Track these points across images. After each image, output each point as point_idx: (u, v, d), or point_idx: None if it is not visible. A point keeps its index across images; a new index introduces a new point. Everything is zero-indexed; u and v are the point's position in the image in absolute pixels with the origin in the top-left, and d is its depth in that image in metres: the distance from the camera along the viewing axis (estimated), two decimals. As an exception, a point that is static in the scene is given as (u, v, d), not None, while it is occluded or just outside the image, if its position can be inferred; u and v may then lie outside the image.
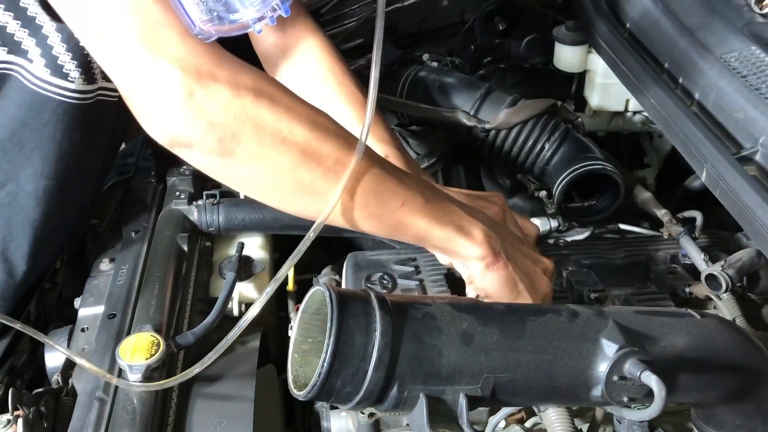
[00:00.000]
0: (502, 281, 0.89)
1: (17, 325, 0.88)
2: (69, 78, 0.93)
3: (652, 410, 0.66)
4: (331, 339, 0.61)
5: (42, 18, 0.90)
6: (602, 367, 0.69)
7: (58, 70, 0.92)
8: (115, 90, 0.99)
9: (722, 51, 0.95)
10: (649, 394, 0.69)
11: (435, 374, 0.64)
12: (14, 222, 1.00)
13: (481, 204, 0.95)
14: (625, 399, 0.70)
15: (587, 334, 0.70)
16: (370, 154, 0.81)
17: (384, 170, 0.82)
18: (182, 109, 0.71)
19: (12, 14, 0.89)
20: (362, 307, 0.64)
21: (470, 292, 0.94)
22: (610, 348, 0.69)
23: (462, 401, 0.65)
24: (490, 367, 0.66)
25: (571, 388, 0.69)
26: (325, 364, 0.61)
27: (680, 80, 0.98)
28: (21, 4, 0.89)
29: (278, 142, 0.74)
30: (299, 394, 0.64)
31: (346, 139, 0.79)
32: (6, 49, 0.91)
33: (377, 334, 0.62)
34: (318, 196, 0.78)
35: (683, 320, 0.76)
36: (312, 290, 0.68)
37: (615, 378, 0.69)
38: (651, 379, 0.66)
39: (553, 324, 0.70)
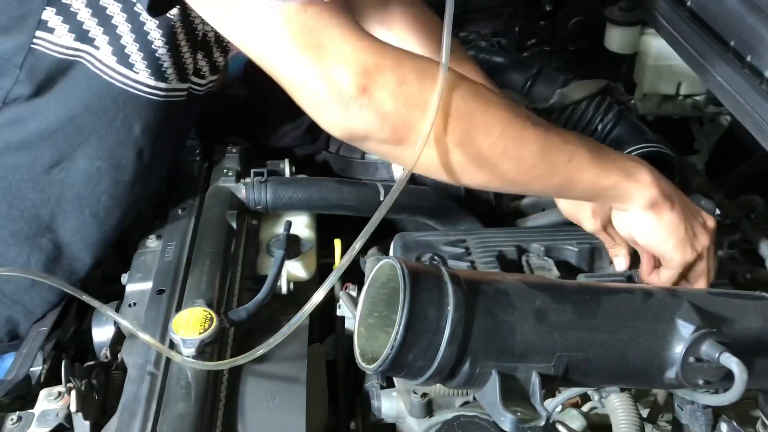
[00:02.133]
0: (671, 225, 0.88)
1: (83, 296, 0.87)
2: (134, 69, 0.94)
3: (732, 394, 0.64)
4: (405, 312, 0.59)
5: (113, 9, 0.91)
6: (678, 349, 0.67)
7: (124, 59, 0.93)
8: (182, 90, 1.02)
9: (794, 27, 0.92)
10: (725, 377, 0.67)
11: (508, 351, 0.63)
12: (64, 198, 1.01)
13: None
14: (701, 382, 0.68)
15: (662, 314, 0.68)
16: (532, 118, 0.82)
17: (548, 131, 0.82)
18: (355, 106, 0.74)
19: (84, 2, 0.90)
20: (434, 281, 0.62)
21: (619, 263, 0.97)
22: (686, 329, 0.67)
23: (535, 379, 0.63)
24: (564, 346, 0.64)
25: (644, 370, 0.67)
26: (398, 337, 0.59)
27: (748, 58, 0.94)
28: None
29: (450, 117, 0.76)
30: (369, 368, 0.62)
31: (509, 108, 0.80)
32: (74, 35, 0.92)
33: (450, 308, 0.61)
34: (488, 165, 0.80)
35: (759, 303, 0.74)
36: (379, 263, 0.66)
37: (691, 359, 0.67)
38: (731, 361, 0.64)
39: (627, 303, 0.68)
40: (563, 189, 0.87)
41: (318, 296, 0.78)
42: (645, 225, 0.89)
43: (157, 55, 0.95)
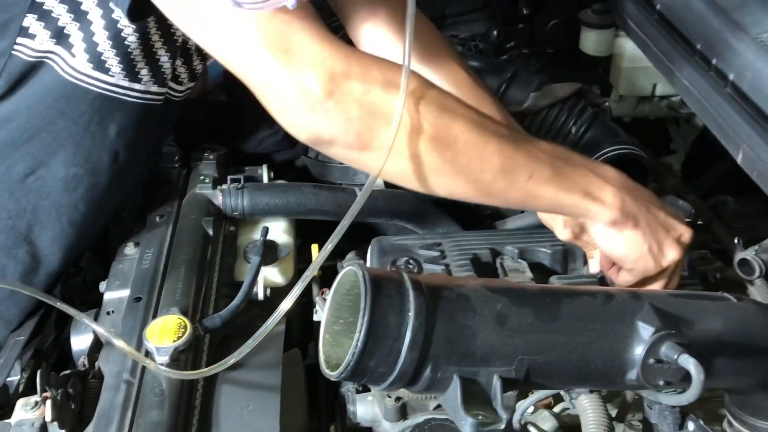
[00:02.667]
0: (632, 243, 0.89)
1: (57, 303, 0.88)
2: (110, 73, 0.95)
3: (690, 394, 0.65)
4: (365, 319, 0.60)
5: (93, 14, 0.91)
6: (638, 350, 0.68)
7: (100, 65, 0.94)
8: (159, 95, 1.03)
9: (758, 31, 0.93)
10: (685, 378, 0.68)
11: (469, 355, 0.64)
12: (41, 207, 1.01)
13: None
14: (661, 382, 0.69)
15: (623, 316, 0.69)
16: (499, 132, 0.83)
17: (514, 146, 0.83)
18: (321, 110, 0.75)
19: (65, 7, 0.91)
20: (395, 287, 0.63)
21: (593, 265, 0.97)
22: (646, 331, 0.68)
23: (496, 383, 0.64)
24: (525, 349, 0.65)
25: (606, 371, 0.68)
26: (359, 344, 0.60)
27: (713, 62, 0.96)
28: None
29: (409, 130, 0.77)
30: (332, 375, 0.63)
31: (474, 122, 0.81)
32: (51, 36, 0.92)
33: (411, 314, 0.62)
34: (448, 177, 0.81)
35: (719, 303, 0.75)
36: (344, 271, 0.67)
37: (651, 361, 0.68)
38: (689, 363, 0.65)
39: (588, 306, 0.69)
40: (524, 204, 0.88)
41: (286, 304, 0.79)
42: (606, 239, 0.90)
43: (132, 57, 0.95)
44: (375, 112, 0.76)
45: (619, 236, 0.89)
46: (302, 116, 0.76)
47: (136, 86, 0.98)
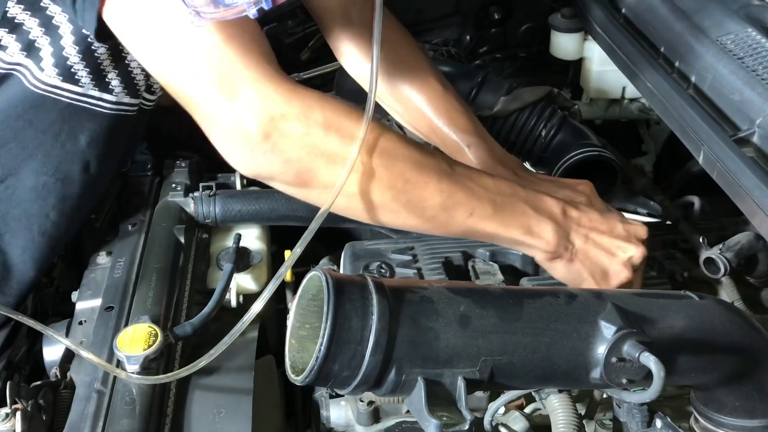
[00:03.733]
0: (566, 273, 0.93)
1: (18, 316, 0.88)
2: (80, 84, 0.96)
3: (652, 392, 0.66)
4: (328, 323, 0.61)
5: (59, 19, 0.91)
6: (601, 349, 0.69)
7: (69, 76, 0.95)
8: (132, 105, 1.03)
9: (718, 34, 0.95)
10: (648, 375, 0.69)
11: (433, 357, 0.64)
12: (11, 215, 1.01)
13: (566, 194, 0.97)
14: (624, 381, 0.69)
15: (585, 316, 0.70)
16: (442, 167, 0.85)
17: (456, 183, 0.85)
18: (259, 150, 0.77)
19: (30, 13, 0.91)
20: (359, 291, 0.64)
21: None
22: (608, 330, 0.69)
23: (460, 384, 0.64)
24: (488, 350, 0.66)
25: (569, 371, 0.69)
26: (322, 349, 0.61)
27: (676, 64, 0.97)
28: (41, 4, 0.91)
29: (348, 171, 0.78)
30: (297, 379, 0.63)
31: (416, 163, 0.83)
32: (21, 49, 0.92)
33: (374, 317, 0.62)
34: (391, 213, 0.84)
35: (681, 302, 0.76)
36: (308, 275, 0.68)
37: (614, 360, 0.68)
38: (650, 360, 0.66)
39: (550, 306, 0.70)
40: (465, 236, 0.91)
41: (257, 305, 0.79)
42: (548, 268, 0.94)
43: (102, 68, 0.96)
44: (314, 154, 0.78)
45: (558, 266, 0.93)
46: (242, 155, 0.79)
47: (107, 96, 0.99)
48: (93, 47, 0.93)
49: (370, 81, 0.80)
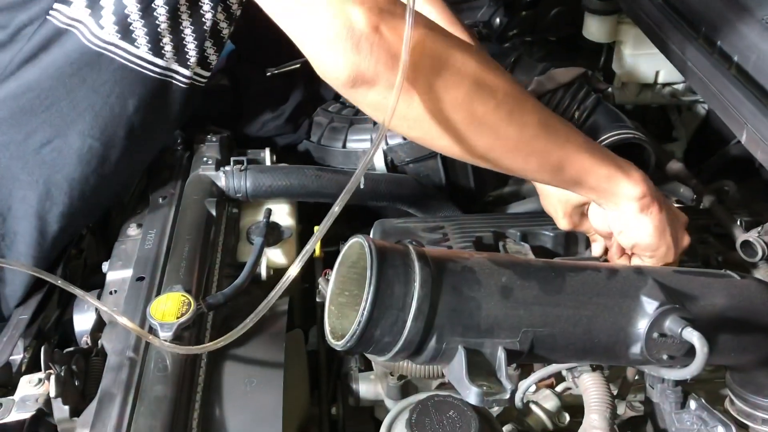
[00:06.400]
0: (655, 226, 0.88)
1: (58, 282, 0.88)
2: (136, 43, 0.96)
3: (694, 367, 0.65)
4: (371, 288, 0.60)
5: None
6: (642, 324, 0.68)
7: (127, 34, 0.94)
8: (183, 76, 1.03)
9: (763, 13, 0.93)
10: (688, 352, 0.69)
11: (474, 326, 0.64)
12: (53, 180, 1.01)
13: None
14: (665, 357, 0.69)
15: (627, 290, 0.69)
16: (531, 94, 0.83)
17: (548, 110, 0.83)
18: (368, 45, 0.72)
19: None
20: (401, 258, 0.63)
21: (596, 248, 0.99)
22: (650, 305, 0.68)
23: (501, 354, 0.64)
24: (529, 321, 0.65)
25: (609, 345, 0.68)
26: (365, 313, 0.60)
27: (718, 44, 0.96)
28: None
29: (454, 73, 0.75)
30: (337, 344, 0.63)
31: (511, 78, 0.81)
32: (86, 5, 0.92)
33: (416, 284, 0.62)
34: (490, 129, 0.79)
35: (723, 280, 0.75)
36: (349, 242, 0.67)
37: (655, 335, 0.68)
38: (693, 335, 0.65)
39: (592, 280, 0.69)
40: (556, 170, 0.84)
41: (294, 269, 0.77)
42: (633, 221, 0.88)
43: (159, 30, 0.96)
44: (420, 51, 0.74)
45: (644, 219, 0.88)
46: (346, 53, 0.72)
47: (158, 61, 0.98)
48: (153, 5, 0.93)
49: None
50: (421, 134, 0.80)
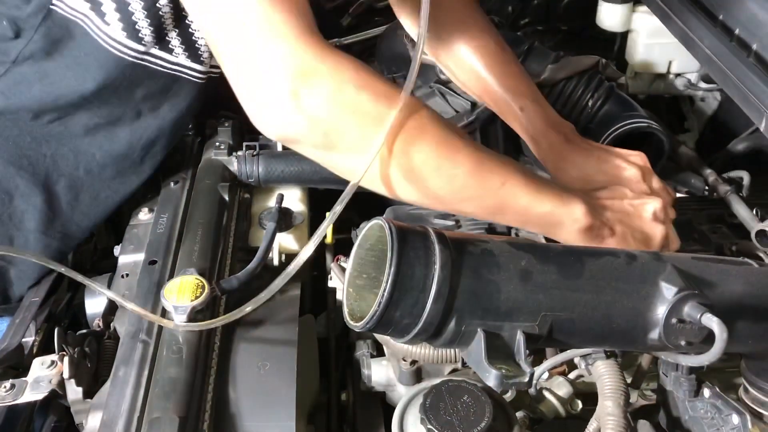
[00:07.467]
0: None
1: (62, 269, 0.88)
2: (143, 42, 0.96)
3: (713, 353, 0.65)
4: (392, 270, 0.60)
5: None
6: (660, 310, 0.68)
7: (133, 34, 0.95)
8: (202, 72, 1.04)
9: (782, 0, 0.92)
10: (706, 339, 0.68)
11: (493, 309, 0.63)
12: (60, 153, 1.02)
13: (616, 163, 0.96)
14: (683, 343, 0.69)
15: (646, 276, 0.69)
16: (468, 141, 0.82)
17: (483, 155, 0.82)
18: (288, 108, 0.73)
19: None
20: (421, 240, 0.63)
21: None
22: (669, 291, 0.68)
23: (520, 338, 0.64)
24: (549, 305, 0.65)
25: (628, 330, 0.68)
26: (385, 295, 0.60)
27: (736, 32, 0.95)
28: None
29: (380, 131, 0.75)
30: (356, 326, 0.63)
31: (444, 129, 0.80)
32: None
33: (437, 266, 0.62)
34: (421, 181, 0.79)
35: (741, 268, 0.75)
36: (368, 224, 0.67)
37: (674, 321, 0.68)
38: (712, 321, 0.65)
39: (611, 265, 0.69)
40: (495, 212, 0.85)
41: (309, 247, 0.79)
42: None
43: (164, 26, 0.96)
44: (345, 112, 0.75)
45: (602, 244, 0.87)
46: (269, 114, 0.75)
47: (168, 57, 0.99)
48: (158, 5, 0.94)
49: (418, 39, 0.77)
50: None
